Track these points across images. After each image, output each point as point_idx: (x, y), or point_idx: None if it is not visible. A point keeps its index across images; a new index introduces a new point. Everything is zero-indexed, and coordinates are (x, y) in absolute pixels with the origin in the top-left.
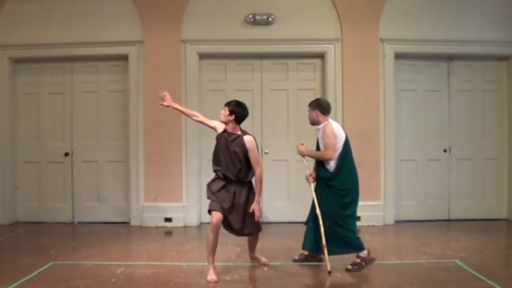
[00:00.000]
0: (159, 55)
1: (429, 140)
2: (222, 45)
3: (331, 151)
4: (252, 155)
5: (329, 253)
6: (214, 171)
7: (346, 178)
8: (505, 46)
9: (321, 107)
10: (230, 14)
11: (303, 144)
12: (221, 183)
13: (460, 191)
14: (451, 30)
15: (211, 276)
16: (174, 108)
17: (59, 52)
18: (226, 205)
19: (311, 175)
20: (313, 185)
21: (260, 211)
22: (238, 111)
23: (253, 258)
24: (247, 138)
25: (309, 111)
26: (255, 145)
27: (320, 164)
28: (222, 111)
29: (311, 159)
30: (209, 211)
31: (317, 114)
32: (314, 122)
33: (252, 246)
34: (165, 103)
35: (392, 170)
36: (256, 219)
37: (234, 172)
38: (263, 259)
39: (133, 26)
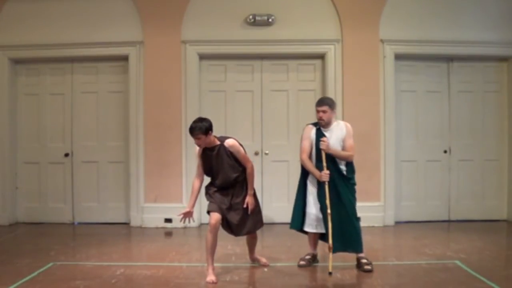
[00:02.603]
0: (159, 56)
1: (429, 141)
2: (222, 46)
3: (354, 151)
4: (239, 156)
5: (350, 250)
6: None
7: (355, 174)
8: (506, 46)
9: (336, 106)
10: (230, 14)
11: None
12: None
13: (460, 192)
14: (451, 31)
15: (210, 277)
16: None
17: (59, 52)
18: (224, 206)
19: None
20: (327, 184)
21: (253, 204)
22: (207, 126)
23: (253, 259)
24: (228, 143)
25: (325, 111)
26: (238, 144)
27: (338, 163)
28: (196, 141)
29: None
30: (208, 212)
31: (334, 114)
32: (329, 123)
33: (251, 247)
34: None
35: (392, 171)
36: (249, 212)
37: (231, 180)
38: (263, 260)
39: (133, 26)
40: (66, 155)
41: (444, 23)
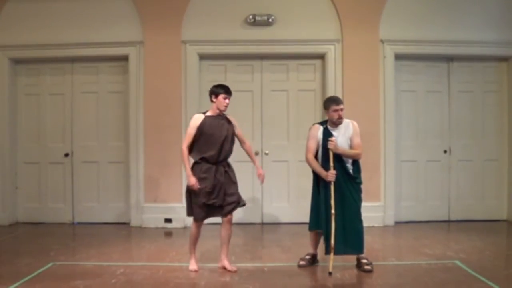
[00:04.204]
0: (159, 56)
1: (429, 141)
2: (222, 46)
3: (362, 149)
4: (239, 131)
5: (352, 253)
6: (201, 159)
7: (360, 174)
8: (506, 47)
9: None
10: (231, 15)
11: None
12: (205, 173)
13: (460, 192)
14: (451, 31)
15: (192, 266)
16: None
17: (59, 52)
18: (212, 200)
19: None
20: (333, 184)
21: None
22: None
23: (223, 264)
24: (231, 117)
25: (343, 109)
26: None
27: (344, 162)
28: (227, 101)
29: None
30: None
31: None
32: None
33: (225, 242)
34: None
35: (392, 171)
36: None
37: (227, 153)
38: (233, 268)
39: (133, 26)
40: (66, 155)
41: (444, 23)
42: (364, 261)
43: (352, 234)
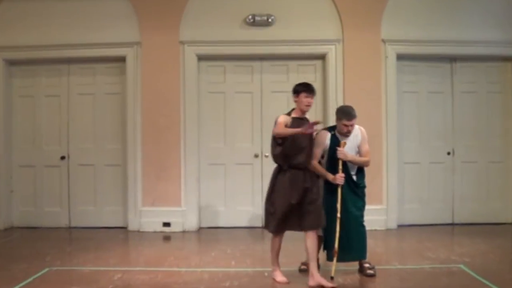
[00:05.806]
0: (157, 57)
1: (432, 143)
2: (221, 47)
3: (370, 156)
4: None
5: (355, 259)
6: (289, 166)
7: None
8: (509, 46)
9: None
10: (230, 15)
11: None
12: (292, 181)
13: (464, 194)
14: (454, 31)
15: (280, 277)
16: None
17: (55, 54)
18: (294, 200)
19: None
20: (340, 187)
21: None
22: None
23: (318, 282)
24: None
25: (353, 125)
26: None
27: (349, 168)
28: (309, 100)
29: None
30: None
31: None
32: None
33: (313, 252)
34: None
35: (395, 173)
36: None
37: (308, 159)
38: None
39: (130, 27)
40: (62, 158)
41: (447, 22)
42: (367, 265)
43: (355, 239)
